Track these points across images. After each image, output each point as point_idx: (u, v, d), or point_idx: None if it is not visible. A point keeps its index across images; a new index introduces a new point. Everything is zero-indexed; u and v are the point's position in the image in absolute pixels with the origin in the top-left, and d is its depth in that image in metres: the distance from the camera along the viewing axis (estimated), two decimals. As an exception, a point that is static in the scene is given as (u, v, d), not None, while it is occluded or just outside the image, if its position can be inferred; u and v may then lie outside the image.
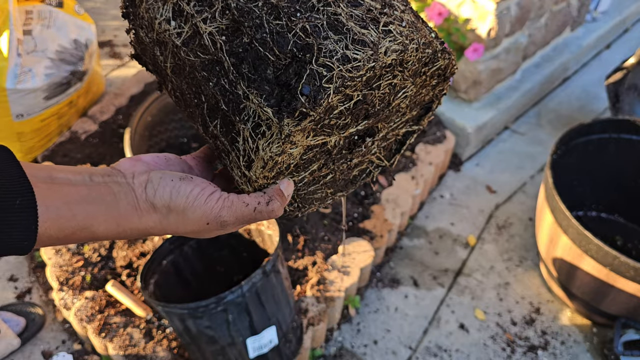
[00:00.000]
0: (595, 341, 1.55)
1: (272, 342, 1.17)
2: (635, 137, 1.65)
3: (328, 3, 0.45)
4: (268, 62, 0.44)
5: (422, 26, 0.49)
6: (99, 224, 0.42)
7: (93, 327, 1.33)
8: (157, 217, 0.45)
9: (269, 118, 0.44)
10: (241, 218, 0.48)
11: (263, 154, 0.46)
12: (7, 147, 0.40)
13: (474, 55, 1.85)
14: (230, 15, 0.45)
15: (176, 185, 0.45)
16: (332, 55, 0.43)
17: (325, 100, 0.44)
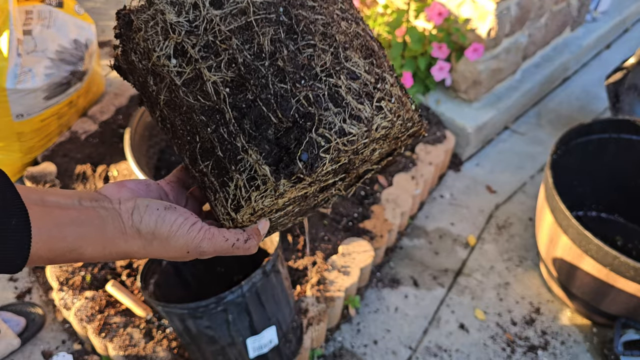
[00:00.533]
0: (595, 341, 1.55)
1: (272, 342, 1.17)
2: (635, 137, 1.65)
3: (330, 74, 0.47)
4: (270, 122, 0.46)
5: (406, 99, 0.52)
6: (86, 246, 0.44)
7: (93, 327, 1.33)
8: (142, 243, 0.47)
9: (265, 175, 0.47)
10: (219, 250, 0.51)
11: (255, 204, 0.48)
12: (2, 170, 0.42)
13: (474, 55, 1.85)
14: (237, 70, 0.47)
15: (161, 214, 0.48)
16: (331, 127, 0.46)
17: (320, 168, 0.47)
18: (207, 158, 0.50)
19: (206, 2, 0.48)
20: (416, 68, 1.98)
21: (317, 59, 0.47)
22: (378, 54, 0.53)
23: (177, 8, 0.48)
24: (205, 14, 0.48)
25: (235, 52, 0.47)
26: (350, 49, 0.49)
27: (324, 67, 0.47)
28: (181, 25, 0.48)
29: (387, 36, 2.04)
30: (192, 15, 0.48)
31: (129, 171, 1.72)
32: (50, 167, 1.73)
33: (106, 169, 1.74)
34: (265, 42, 0.47)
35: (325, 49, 0.48)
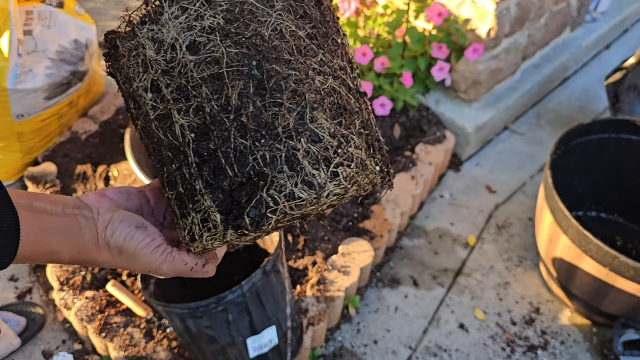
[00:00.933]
0: (595, 341, 1.55)
1: (272, 341, 1.17)
2: (635, 137, 1.65)
3: (291, 136, 0.48)
4: (226, 174, 0.48)
5: (370, 162, 0.52)
6: (65, 251, 0.48)
7: (93, 326, 1.33)
8: (110, 255, 0.51)
9: (216, 221, 0.48)
10: (178, 272, 0.54)
11: (205, 242, 0.50)
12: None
13: (474, 56, 1.85)
14: (203, 118, 0.48)
15: (131, 232, 0.51)
16: (282, 190, 0.47)
17: (266, 226, 0.48)
18: (172, 188, 0.52)
19: (183, 46, 0.49)
20: (416, 68, 1.98)
21: (281, 118, 0.48)
22: (352, 111, 0.52)
23: (156, 45, 0.49)
24: (181, 57, 0.48)
25: (204, 100, 0.48)
26: (318, 108, 0.49)
27: (286, 128, 0.48)
28: (158, 63, 0.49)
29: (387, 36, 2.05)
30: (169, 55, 0.49)
31: (129, 171, 1.73)
32: (50, 167, 1.73)
33: (106, 169, 1.74)
34: (233, 96, 0.48)
35: (292, 108, 0.48)
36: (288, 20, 0.51)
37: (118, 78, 0.54)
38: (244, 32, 0.49)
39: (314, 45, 0.52)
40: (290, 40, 0.51)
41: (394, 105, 1.94)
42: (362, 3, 2.16)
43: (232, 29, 0.49)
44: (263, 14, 0.50)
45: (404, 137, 1.97)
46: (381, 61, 1.88)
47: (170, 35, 0.49)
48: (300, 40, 0.52)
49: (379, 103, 1.87)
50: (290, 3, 0.53)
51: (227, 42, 0.48)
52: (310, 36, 0.53)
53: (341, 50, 0.56)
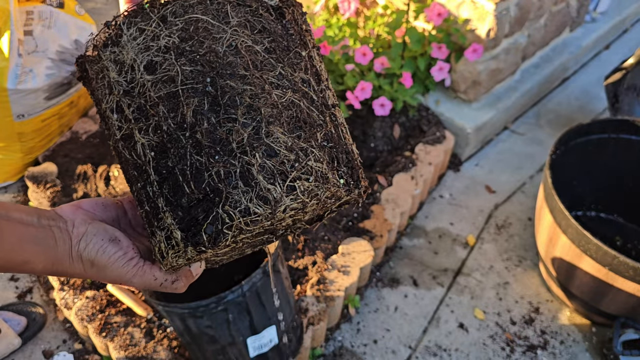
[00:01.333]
0: (595, 341, 1.55)
1: (272, 341, 1.18)
2: (634, 137, 1.65)
3: (245, 151, 0.48)
4: (184, 191, 0.48)
5: (332, 175, 0.51)
6: (39, 262, 0.49)
7: (94, 326, 1.33)
8: (82, 267, 0.52)
9: (177, 238, 0.49)
10: (148, 286, 0.55)
11: (171, 260, 0.51)
12: None
13: (474, 56, 1.85)
14: (161, 136, 0.49)
15: (104, 245, 0.52)
16: (237, 206, 0.47)
17: (223, 242, 0.48)
18: (141, 207, 0.53)
19: (141, 66, 0.49)
20: (416, 68, 1.98)
21: (236, 134, 0.48)
22: (313, 124, 0.52)
23: (118, 67, 0.50)
24: (139, 77, 0.49)
25: (161, 119, 0.49)
26: (275, 122, 0.49)
27: (240, 144, 0.48)
28: (120, 84, 0.50)
29: (387, 37, 2.05)
30: (129, 76, 0.50)
31: (129, 171, 1.73)
32: (51, 167, 1.74)
33: (107, 169, 1.74)
34: (188, 113, 0.48)
35: (247, 123, 0.48)
36: (244, 35, 0.52)
37: (93, 99, 0.56)
38: (198, 50, 0.49)
39: (272, 59, 0.52)
40: (245, 55, 0.51)
41: (394, 106, 1.94)
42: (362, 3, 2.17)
43: (186, 47, 0.49)
44: (218, 30, 0.51)
45: (403, 137, 1.97)
46: (381, 61, 1.89)
47: (129, 56, 0.50)
48: (256, 55, 0.52)
49: (378, 103, 1.87)
50: (247, 18, 0.53)
51: (181, 61, 0.49)
52: (269, 50, 0.53)
53: (306, 63, 0.55)
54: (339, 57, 1.97)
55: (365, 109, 1.96)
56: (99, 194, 1.68)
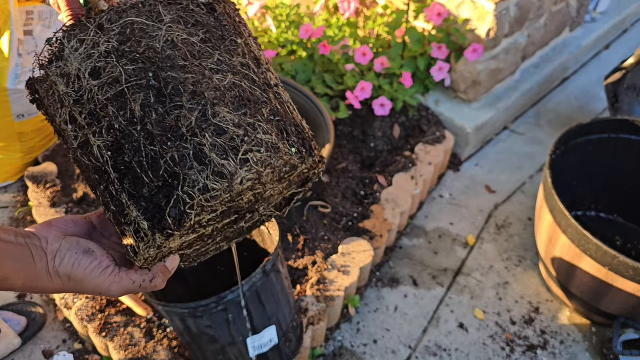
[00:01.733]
0: (595, 341, 1.55)
1: (272, 341, 1.18)
2: (634, 137, 1.65)
3: (195, 133, 0.50)
4: (144, 182, 0.50)
5: (283, 145, 0.54)
6: (18, 279, 0.50)
7: (94, 326, 1.33)
8: (61, 282, 0.53)
9: (145, 229, 0.51)
10: (127, 291, 0.57)
11: (142, 253, 0.53)
12: None
13: (473, 56, 1.85)
14: (115, 135, 0.51)
15: (78, 258, 0.53)
16: (195, 185, 0.49)
17: (188, 222, 0.50)
18: (108, 210, 0.55)
19: (86, 74, 0.51)
20: (416, 68, 1.98)
21: (184, 119, 0.50)
22: (257, 101, 0.54)
23: (65, 79, 0.52)
24: (86, 84, 0.51)
25: (112, 119, 0.51)
26: (220, 104, 0.52)
27: (189, 127, 0.50)
28: (69, 95, 0.52)
29: (387, 37, 2.05)
30: (77, 85, 0.52)
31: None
32: (51, 167, 1.74)
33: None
34: (137, 108, 0.50)
35: (193, 108, 0.50)
36: (179, 30, 0.54)
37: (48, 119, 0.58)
38: (137, 49, 0.52)
39: (208, 48, 0.55)
40: (182, 47, 0.53)
41: (394, 106, 1.94)
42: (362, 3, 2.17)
43: (126, 49, 0.52)
44: (153, 29, 0.53)
45: (403, 137, 1.97)
46: (381, 61, 1.89)
47: (74, 67, 0.52)
48: (193, 46, 0.54)
49: (378, 103, 1.87)
50: (180, 15, 0.55)
51: (123, 62, 0.51)
52: (204, 40, 0.55)
53: (243, 49, 0.58)
54: (339, 57, 1.97)
55: (365, 109, 1.96)
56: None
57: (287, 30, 2.07)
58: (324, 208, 1.64)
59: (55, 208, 1.61)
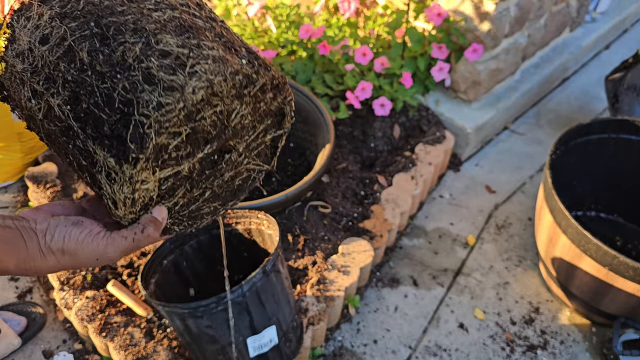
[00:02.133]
0: (595, 341, 1.55)
1: (272, 341, 1.18)
2: (635, 137, 1.65)
3: (141, 60, 0.52)
4: (103, 120, 0.52)
5: (232, 57, 0.56)
6: (10, 260, 0.51)
7: (94, 326, 1.33)
8: (55, 259, 0.53)
9: (113, 166, 0.52)
10: (124, 250, 0.57)
11: (119, 195, 0.54)
12: None
13: (473, 56, 1.85)
14: (70, 88, 0.52)
15: (68, 230, 0.54)
16: (149, 104, 0.51)
17: (149, 142, 0.51)
18: (83, 171, 0.56)
19: (36, 43, 0.54)
20: (416, 68, 1.98)
21: (129, 52, 0.52)
22: (199, 28, 0.56)
23: (21, 57, 0.55)
24: (38, 53, 0.54)
25: (64, 73, 0.52)
26: (162, 32, 0.53)
27: (135, 57, 0.52)
28: (26, 70, 0.54)
29: (387, 37, 2.05)
30: (31, 58, 0.54)
31: (129, 171, 1.73)
32: (51, 167, 1.74)
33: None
34: (84, 56, 0.52)
35: (136, 41, 0.52)
36: None
37: (17, 110, 0.59)
38: (77, 7, 0.54)
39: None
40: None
41: (394, 106, 1.94)
42: (362, 3, 2.17)
43: (67, 10, 0.54)
44: None
45: (403, 138, 1.97)
46: (381, 61, 1.89)
47: (25, 42, 0.55)
48: None
49: (378, 103, 1.87)
50: None
51: (66, 21, 0.54)
52: None
53: None
54: (339, 57, 1.97)
55: (365, 109, 1.96)
56: (99, 194, 1.69)
57: (287, 30, 2.07)
58: (324, 208, 1.64)
59: (55, 208, 1.61)
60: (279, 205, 1.44)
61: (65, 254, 0.53)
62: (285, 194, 1.42)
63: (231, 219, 1.27)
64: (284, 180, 1.77)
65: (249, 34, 2.09)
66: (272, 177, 1.77)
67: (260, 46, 2.05)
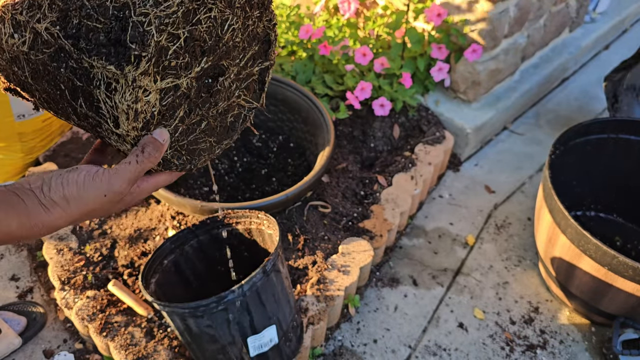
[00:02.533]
0: (594, 340, 1.55)
1: (272, 341, 1.18)
2: (634, 137, 1.65)
3: None
4: (99, 30, 0.51)
5: None
6: (12, 220, 0.49)
7: (94, 326, 1.33)
8: (61, 209, 0.51)
9: (114, 73, 0.51)
10: (130, 177, 0.55)
11: (121, 106, 0.52)
12: None
13: (473, 56, 1.86)
14: (57, 7, 0.52)
15: (64, 176, 0.52)
16: (145, 3, 0.50)
17: (151, 39, 0.51)
18: (77, 97, 0.55)
19: None
20: (415, 69, 1.99)
21: None
22: None
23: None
24: None
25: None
26: None
27: None
28: (5, 6, 0.54)
29: (387, 37, 2.05)
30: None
31: (129, 171, 1.73)
32: (51, 167, 1.74)
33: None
34: None
35: None
36: None
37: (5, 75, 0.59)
38: None
39: None
40: None
41: (394, 106, 1.95)
42: (362, 4, 2.17)
43: None
44: None
45: (403, 138, 1.97)
46: (381, 62, 1.89)
47: None
48: None
49: (378, 103, 1.88)
50: None
51: None
52: None
53: None
54: (339, 57, 1.97)
55: (365, 109, 1.96)
56: (100, 194, 1.69)
57: (287, 31, 2.07)
58: (324, 208, 1.65)
59: (56, 208, 1.61)
60: (279, 205, 1.44)
61: (69, 201, 0.51)
62: (286, 194, 1.42)
63: (231, 218, 1.27)
64: (284, 180, 1.77)
65: (249, 35, 2.09)
66: (273, 177, 1.78)
67: (260, 46, 2.05)
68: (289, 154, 1.85)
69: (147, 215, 1.62)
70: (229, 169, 1.79)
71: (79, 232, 1.57)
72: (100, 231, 1.58)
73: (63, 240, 1.53)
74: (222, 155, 1.82)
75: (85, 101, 0.54)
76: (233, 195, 1.70)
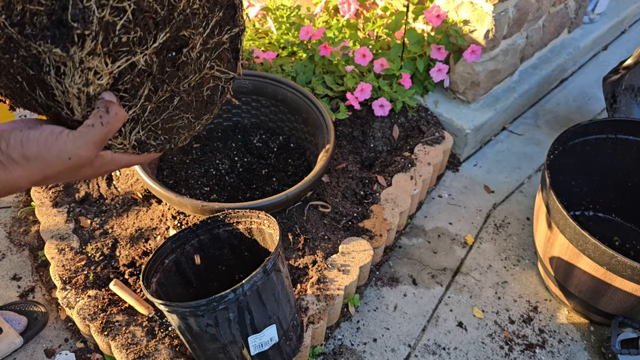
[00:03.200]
0: (593, 339, 1.56)
1: (272, 340, 1.19)
2: (632, 138, 1.66)
3: None
4: (41, 13, 0.48)
5: None
6: None
7: (95, 325, 1.34)
8: (21, 169, 0.48)
9: (60, 56, 0.48)
10: (96, 140, 0.51)
11: (72, 90, 0.49)
12: None
13: (472, 57, 1.87)
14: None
15: (25, 133, 0.48)
16: None
17: (93, 16, 0.47)
18: (34, 87, 0.52)
19: None
20: (415, 69, 1.99)
21: None
22: None
23: None
24: None
25: None
26: None
27: None
28: None
29: (387, 38, 2.06)
30: None
31: (131, 170, 1.74)
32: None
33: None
34: None
35: None
36: None
37: None
38: None
39: None
40: None
41: (393, 106, 1.95)
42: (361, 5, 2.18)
43: None
44: None
45: (402, 138, 1.98)
46: (380, 62, 1.90)
47: None
48: None
49: (378, 104, 1.88)
50: None
51: None
52: None
53: None
54: (339, 58, 1.98)
55: (364, 110, 1.97)
56: (101, 193, 1.70)
57: (288, 32, 2.08)
58: (324, 208, 1.65)
59: (57, 208, 1.62)
60: (280, 205, 1.45)
61: (29, 160, 0.48)
62: (286, 194, 1.43)
63: (232, 218, 1.28)
64: (284, 180, 1.78)
65: (250, 36, 2.10)
66: (273, 177, 1.78)
67: (260, 47, 2.06)
68: (289, 154, 1.85)
69: (148, 215, 1.62)
70: (230, 169, 1.79)
71: (81, 232, 1.58)
72: (101, 231, 1.59)
73: (64, 239, 1.53)
74: (223, 155, 1.83)
75: (42, 90, 0.52)
76: (233, 195, 1.70)
